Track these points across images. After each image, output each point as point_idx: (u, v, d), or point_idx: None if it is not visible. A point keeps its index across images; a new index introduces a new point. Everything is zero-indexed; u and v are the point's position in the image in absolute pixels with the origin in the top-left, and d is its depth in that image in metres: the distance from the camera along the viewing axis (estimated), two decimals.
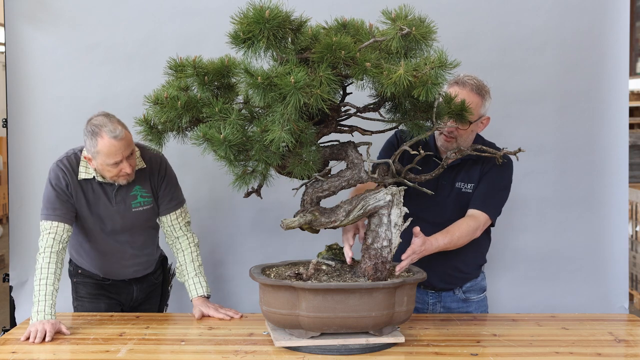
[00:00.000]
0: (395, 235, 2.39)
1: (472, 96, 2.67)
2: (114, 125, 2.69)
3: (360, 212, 2.39)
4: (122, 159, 2.71)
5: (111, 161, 2.71)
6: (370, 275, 2.38)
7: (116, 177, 2.78)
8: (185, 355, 2.38)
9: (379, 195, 2.39)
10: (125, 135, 2.70)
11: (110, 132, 2.67)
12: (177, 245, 2.97)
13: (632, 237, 5.72)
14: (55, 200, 2.80)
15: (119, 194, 2.87)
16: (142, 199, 2.90)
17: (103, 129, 2.68)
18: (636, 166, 7.03)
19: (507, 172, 2.87)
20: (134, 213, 2.90)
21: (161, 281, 3.18)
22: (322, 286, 2.30)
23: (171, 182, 2.99)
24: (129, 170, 2.75)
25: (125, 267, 3.01)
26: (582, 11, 3.50)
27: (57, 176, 2.83)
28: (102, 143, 2.68)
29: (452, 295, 2.97)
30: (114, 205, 2.87)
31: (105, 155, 2.70)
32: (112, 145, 2.67)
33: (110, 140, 2.67)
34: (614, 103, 3.52)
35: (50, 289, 2.66)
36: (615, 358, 2.38)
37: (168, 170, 2.98)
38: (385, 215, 2.39)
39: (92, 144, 2.70)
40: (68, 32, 3.52)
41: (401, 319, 2.43)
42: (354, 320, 2.32)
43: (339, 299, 2.30)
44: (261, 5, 2.14)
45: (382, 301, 2.32)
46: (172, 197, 2.98)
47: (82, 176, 2.83)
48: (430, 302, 2.97)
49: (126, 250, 2.97)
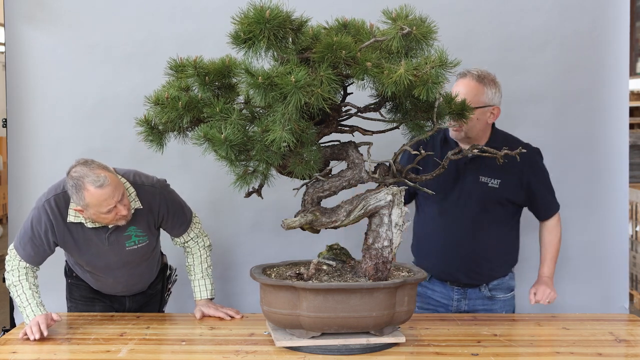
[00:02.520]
0: (396, 235, 2.39)
1: (472, 84, 2.78)
2: (96, 174, 2.53)
3: (361, 212, 2.39)
4: (115, 203, 2.56)
5: (104, 210, 2.56)
6: (371, 275, 2.38)
7: (114, 222, 2.65)
8: (186, 356, 2.38)
9: (379, 195, 2.39)
10: (110, 180, 2.54)
11: (95, 182, 2.51)
12: (187, 249, 2.95)
13: (632, 237, 5.72)
14: (28, 242, 2.70)
15: (112, 236, 2.73)
16: (136, 239, 2.78)
17: (86, 181, 2.52)
18: (636, 166, 7.03)
19: (541, 163, 2.97)
20: (128, 251, 2.79)
21: (159, 289, 3.12)
22: (322, 286, 2.30)
23: (175, 212, 2.85)
24: (124, 212, 2.61)
25: (119, 292, 2.98)
26: (582, 11, 3.50)
27: (39, 218, 2.68)
28: (89, 195, 2.52)
29: (478, 292, 2.97)
30: (107, 246, 2.75)
31: (97, 206, 2.55)
32: (100, 195, 2.52)
33: (96, 191, 2.51)
34: (614, 103, 3.52)
35: (29, 293, 2.67)
36: (616, 358, 2.38)
37: (169, 203, 2.82)
38: (386, 215, 2.39)
39: (80, 197, 2.55)
40: (68, 32, 3.51)
41: (402, 319, 2.43)
42: (354, 320, 2.32)
43: (339, 299, 2.30)
44: (262, 5, 2.14)
45: (382, 301, 2.32)
46: (180, 223, 2.87)
47: (71, 219, 2.68)
48: (455, 298, 2.98)
49: (122, 281, 2.92)
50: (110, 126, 3.51)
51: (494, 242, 2.90)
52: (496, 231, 2.92)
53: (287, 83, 2.09)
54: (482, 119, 2.81)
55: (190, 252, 2.94)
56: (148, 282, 3.03)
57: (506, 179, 2.86)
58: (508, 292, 3.02)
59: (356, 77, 2.23)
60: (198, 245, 2.94)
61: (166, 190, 2.85)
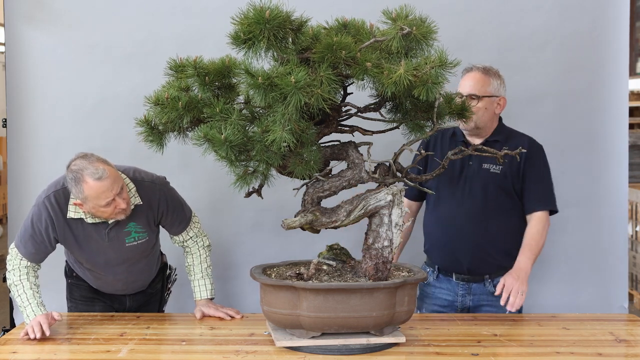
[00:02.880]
0: (396, 235, 2.40)
1: (478, 76, 2.91)
2: (94, 167, 2.55)
3: (361, 212, 2.39)
4: (114, 196, 2.57)
5: (103, 202, 2.57)
6: (371, 275, 2.38)
7: (113, 216, 2.65)
8: (186, 356, 2.38)
9: (379, 195, 2.39)
10: (109, 173, 2.56)
11: (93, 175, 2.53)
12: (187, 248, 2.95)
13: (632, 237, 5.72)
14: (28, 240, 2.71)
15: (112, 232, 2.74)
16: (136, 235, 2.78)
17: (85, 173, 2.54)
18: (636, 166, 7.03)
19: (543, 157, 2.99)
20: (128, 247, 2.79)
21: (159, 289, 3.12)
22: (323, 286, 2.30)
23: (174, 210, 2.86)
24: (123, 206, 2.62)
25: (119, 290, 2.98)
26: (582, 11, 3.50)
27: (39, 214, 2.69)
28: (87, 188, 2.54)
29: (482, 287, 2.98)
30: (107, 242, 2.75)
31: (95, 199, 2.56)
32: (99, 187, 2.54)
33: (95, 183, 2.53)
34: (614, 103, 3.52)
35: (30, 293, 2.66)
36: (616, 358, 2.38)
37: (169, 200, 2.83)
38: (386, 215, 2.39)
39: (79, 190, 2.57)
40: (68, 32, 3.51)
41: (402, 318, 2.43)
42: (355, 320, 2.32)
43: (340, 299, 2.30)
44: (261, 5, 2.14)
45: (383, 301, 2.32)
46: (180, 220, 2.88)
47: (71, 215, 2.69)
48: (460, 294, 3.00)
49: (121, 278, 2.91)
50: (110, 126, 3.52)
51: (498, 230, 2.94)
52: (501, 219, 2.95)
53: (287, 83, 2.09)
54: (490, 108, 2.92)
55: (190, 251, 2.94)
56: (148, 281, 3.03)
57: (507, 166, 2.92)
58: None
59: (356, 78, 2.23)
60: (197, 245, 2.94)
61: (166, 187, 2.86)
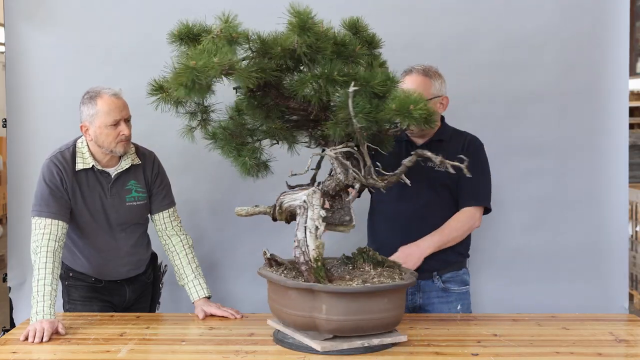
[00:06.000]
0: (309, 237, 2.33)
1: (419, 79, 2.87)
2: (112, 89, 2.80)
3: (282, 209, 2.47)
4: (121, 119, 2.76)
5: (111, 120, 2.75)
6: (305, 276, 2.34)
7: (115, 144, 2.79)
8: (185, 355, 2.38)
9: (295, 195, 2.41)
10: (123, 98, 2.80)
11: (110, 91, 2.78)
12: (171, 247, 2.97)
13: (632, 237, 5.72)
14: (49, 197, 2.78)
15: (114, 187, 2.88)
16: (136, 194, 2.93)
17: (102, 90, 2.78)
18: (636, 166, 7.03)
19: (481, 155, 2.97)
20: (127, 207, 2.91)
21: (152, 280, 3.17)
22: (344, 290, 2.26)
23: (165, 179, 3.03)
24: (127, 132, 2.78)
25: (119, 266, 2.99)
26: (582, 11, 3.50)
27: (50, 172, 2.82)
28: (101, 102, 2.75)
29: (431, 283, 2.97)
30: (109, 198, 2.88)
31: (106, 114, 2.75)
32: (112, 102, 2.76)
33: (110, 98, 2.76)
34: (614, 103, 3.52)
35: (48, 289, 2.64)
36: (615, 358, 2.38)
37: (161, 167, 3.03)
38: (301, 215, 2.38)
39: (91, 106, 2.77)
40: (67, 32, 3.52)
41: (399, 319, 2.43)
42: (377, 321, 2.30)
43: (363, 301, 2.26)
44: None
45: (398, 300, 2.33)
46: (166, 195, 3.01)
47: (80, 167, 2.84)
48: (409, 291, 2.97)
49: (121, 247, 2.96)
50: None
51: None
52: (446, 216, 2.94)
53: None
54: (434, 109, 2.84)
55: (175, 251, 2.97)
56: (144, 259, 3.08)
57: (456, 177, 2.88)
58: (462, 285, 3.02)
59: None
60: (182, 242, 2.97)
61: (158, 159, 3.04)
